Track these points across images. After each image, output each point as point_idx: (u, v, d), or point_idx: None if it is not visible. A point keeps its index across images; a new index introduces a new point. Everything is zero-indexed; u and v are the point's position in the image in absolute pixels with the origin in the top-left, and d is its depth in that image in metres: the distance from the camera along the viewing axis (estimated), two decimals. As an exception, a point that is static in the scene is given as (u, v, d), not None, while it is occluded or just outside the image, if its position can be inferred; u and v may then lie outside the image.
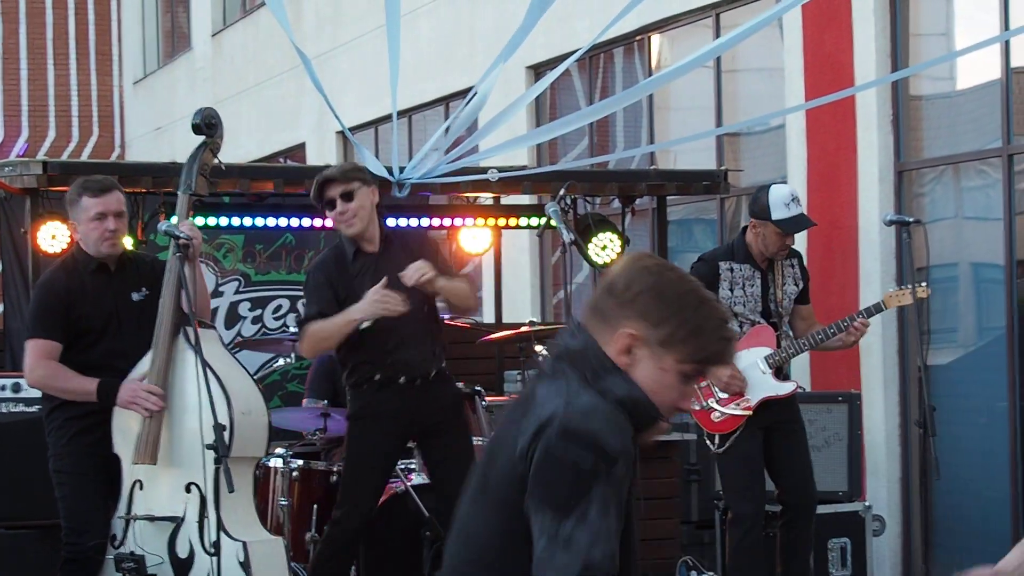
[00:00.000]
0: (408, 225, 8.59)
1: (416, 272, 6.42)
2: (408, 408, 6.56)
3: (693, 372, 2.92)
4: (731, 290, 7.32)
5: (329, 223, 8.42)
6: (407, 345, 6.54)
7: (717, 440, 7.33)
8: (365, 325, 6.43)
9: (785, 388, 7.20)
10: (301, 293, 8.62)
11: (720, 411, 7.28)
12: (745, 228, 7.64)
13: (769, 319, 7.39)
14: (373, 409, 6.56)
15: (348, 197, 6.52)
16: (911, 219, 7.88)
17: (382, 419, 6.56)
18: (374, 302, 6.30)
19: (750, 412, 7.18)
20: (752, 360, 7.23)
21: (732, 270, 7.36)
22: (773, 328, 7.38)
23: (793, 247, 7.58)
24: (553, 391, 2.88)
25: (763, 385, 7.20)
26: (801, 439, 7.59)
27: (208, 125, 6.19)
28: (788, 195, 7.49)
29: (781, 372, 7.27)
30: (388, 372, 6.52)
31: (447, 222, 8.80)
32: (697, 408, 7.33)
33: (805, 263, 7.77)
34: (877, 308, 7.50)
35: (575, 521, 2.75)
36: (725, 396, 7.25)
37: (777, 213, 7.38)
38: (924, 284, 7.89)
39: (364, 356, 6.54)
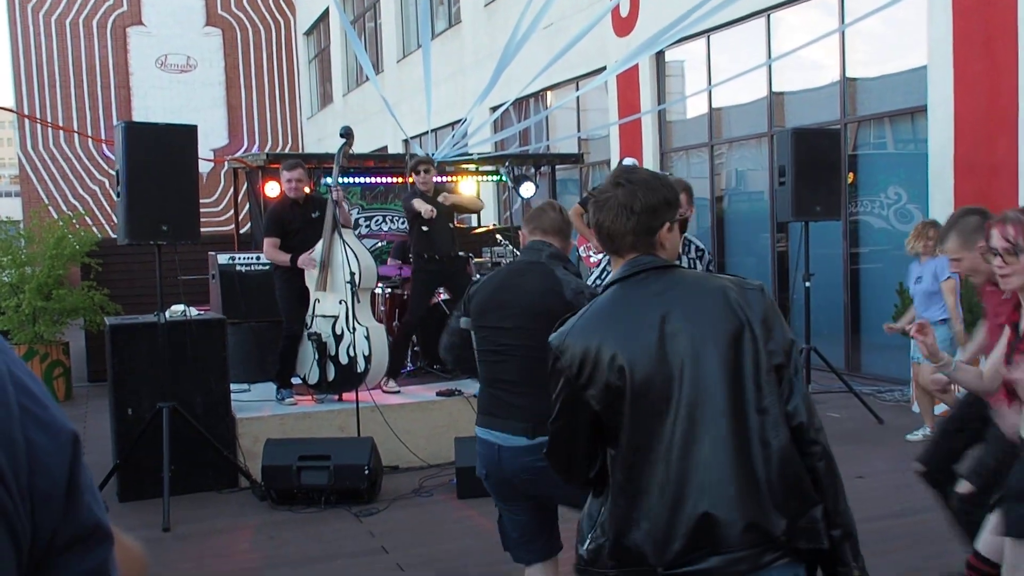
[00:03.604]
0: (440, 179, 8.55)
1: (445, 197, 6.50)
2: (441, 268, 6.50)
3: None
4: None
5: (399, 179, 8.45)
6: (442, 238, 6.47)
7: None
8: (425, 229, 6.36)
9: None
10: (390, 213, 8.62)
11: (594, 256, 7.29)
12: None
13: None
14: (425, 268, 6.50)
15: (428, 171, 6.46)
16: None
17: (429, 272, 6.51)
18: None
19: None
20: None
21: None
22: None
23: None
24: (562, 273, 2.81)
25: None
26: None
27: (347, 134, 6.13)
28: (631, 161, 7.42)
29: None
30: (432, 251, 6.46)
31: (455, 178, 8.76)
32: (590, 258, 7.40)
33: None
34: None
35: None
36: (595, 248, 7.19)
37: None
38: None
39: (423, 243, 6.46)
